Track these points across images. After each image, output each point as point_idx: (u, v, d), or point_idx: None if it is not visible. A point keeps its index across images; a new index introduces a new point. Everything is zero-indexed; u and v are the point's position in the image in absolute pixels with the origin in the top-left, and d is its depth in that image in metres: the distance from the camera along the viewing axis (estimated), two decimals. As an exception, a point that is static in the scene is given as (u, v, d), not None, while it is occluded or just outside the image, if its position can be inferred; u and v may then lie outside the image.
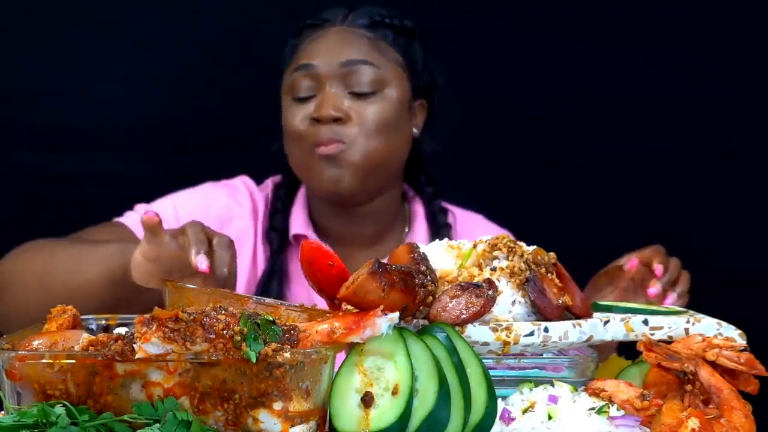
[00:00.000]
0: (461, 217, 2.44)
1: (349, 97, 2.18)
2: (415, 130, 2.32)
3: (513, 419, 1.43)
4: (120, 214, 2.39)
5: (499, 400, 1.41)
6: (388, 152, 2.23)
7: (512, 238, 1.58)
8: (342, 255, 2.17)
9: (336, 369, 1.35)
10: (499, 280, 1.51)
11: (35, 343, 1.35)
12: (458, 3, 2.90)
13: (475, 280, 1.51)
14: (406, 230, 2.38)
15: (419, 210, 2.40)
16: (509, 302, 1.51)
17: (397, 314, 1.36)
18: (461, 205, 2.48)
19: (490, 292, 1.45)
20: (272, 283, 2.28)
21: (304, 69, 2.21)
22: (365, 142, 2.18)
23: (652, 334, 1.55)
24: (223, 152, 2.86)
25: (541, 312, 1.52)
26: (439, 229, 2.36)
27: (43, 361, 1.28)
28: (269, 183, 2.43)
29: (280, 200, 2.37)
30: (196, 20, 2.87)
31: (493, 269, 1.52)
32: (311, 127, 2.18)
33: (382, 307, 1.34)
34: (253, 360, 1.24)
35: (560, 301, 1.53)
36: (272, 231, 2.33)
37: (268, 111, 2.66)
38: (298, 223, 2.33)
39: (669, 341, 1.55)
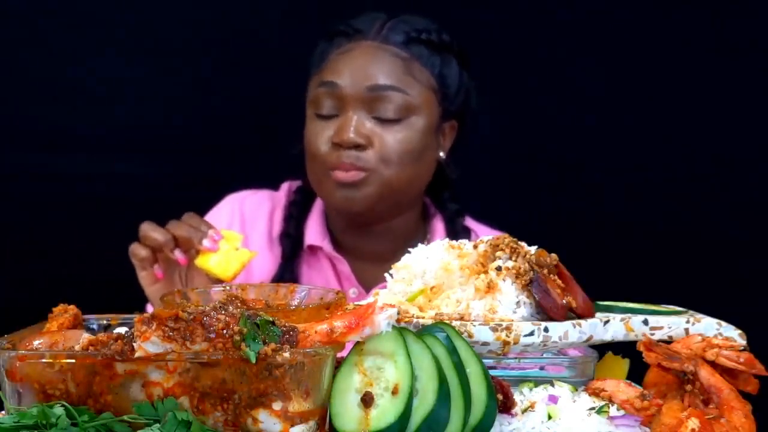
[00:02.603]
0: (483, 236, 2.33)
1: (372, 122, 2.12)
2: (441, 153, 2.25)
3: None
4: (119, 214, 2.39)
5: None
6: (409, 180, 2.18)
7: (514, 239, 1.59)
8: (356, 269, 2.27)
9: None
10: (504, 281, 1.51)
11: (35, 342, 1.36)
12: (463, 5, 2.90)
13: (479, 281, 1.51)
14: None
15: (439, 227, 2.33)
16: (514, 303, 1.51)
17: (395, 310, 1.36)
18: (486, 222, 2.42)
19: None
20: None
21: (329, 87, 2.14)
22: (385, 170, 2.13)
23: (652, 334, 1.55)
24: (224, 153, 2.86)
25: (545, 312, 1.51)
26: None
27: (44, 360, 1.28)
28: (285, 187, 2.40)
29: (295, 206, 2.34)
30: (197, 20, 2.87)
31: (498, 269, 1.52)
32: (332, 151, 2.13)
33: (380, 304, 1.34)
34: (253, 360, 1.24)
35: (564, 301, 1.53)
36: (286, 237, 2.30)
37: (271, 112, 2.66)
38: (314, 233, 2.30)
39: (669, 341, 1.55)
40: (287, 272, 2.27)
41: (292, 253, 2.29)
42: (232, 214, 2.36)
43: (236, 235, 2.04)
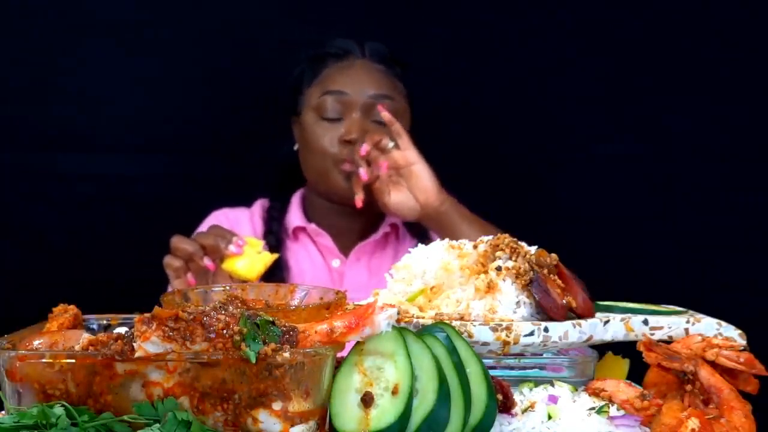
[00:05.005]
0: None
1: (371, 125, 2.46)
2: None
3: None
4: (119, 214, 2.39)
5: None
6: None
7: (512, 238, 1.59)
8: (337, 244, 2.56)
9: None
10: (504, 281, 1.51)
11: (35, 342, 1.36)
12: (461, 8, 2.90)
13: (479, 281, 1.51)
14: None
15: None
16: (514, 303, 1.51)
17: (395, 310, 1.36)
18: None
19: None
20: (275, 275, 2.46)
21: (336, 94, 2.48)
22: None
23: (652, 334, 1.55)
24: (225, 153, 2.86)
25: (545, 312, 1.52)
26: None
27: (44, 360, 1.28)
28: (258, 203, 2.64)
29: (276, 204, 2.62)
30: (198, 21, 2.87)
31: (498, 269, 1.52)
32: (342, 148, 2.45)
33: (380, 304, 1.34)
34: (253, 360, 1.24)
35: (564, 301, 1.53)
36: (270, 234, 2.56)
37: (269, 112, 2.67)
38: (296, 219, 2.60)
39: (669, 341, 1.55)
40: (278, 260, 2.48)
41: (278, 244, 2.55)
42: (220, 223, 2.50)
43: (257, 241, 2.24)
